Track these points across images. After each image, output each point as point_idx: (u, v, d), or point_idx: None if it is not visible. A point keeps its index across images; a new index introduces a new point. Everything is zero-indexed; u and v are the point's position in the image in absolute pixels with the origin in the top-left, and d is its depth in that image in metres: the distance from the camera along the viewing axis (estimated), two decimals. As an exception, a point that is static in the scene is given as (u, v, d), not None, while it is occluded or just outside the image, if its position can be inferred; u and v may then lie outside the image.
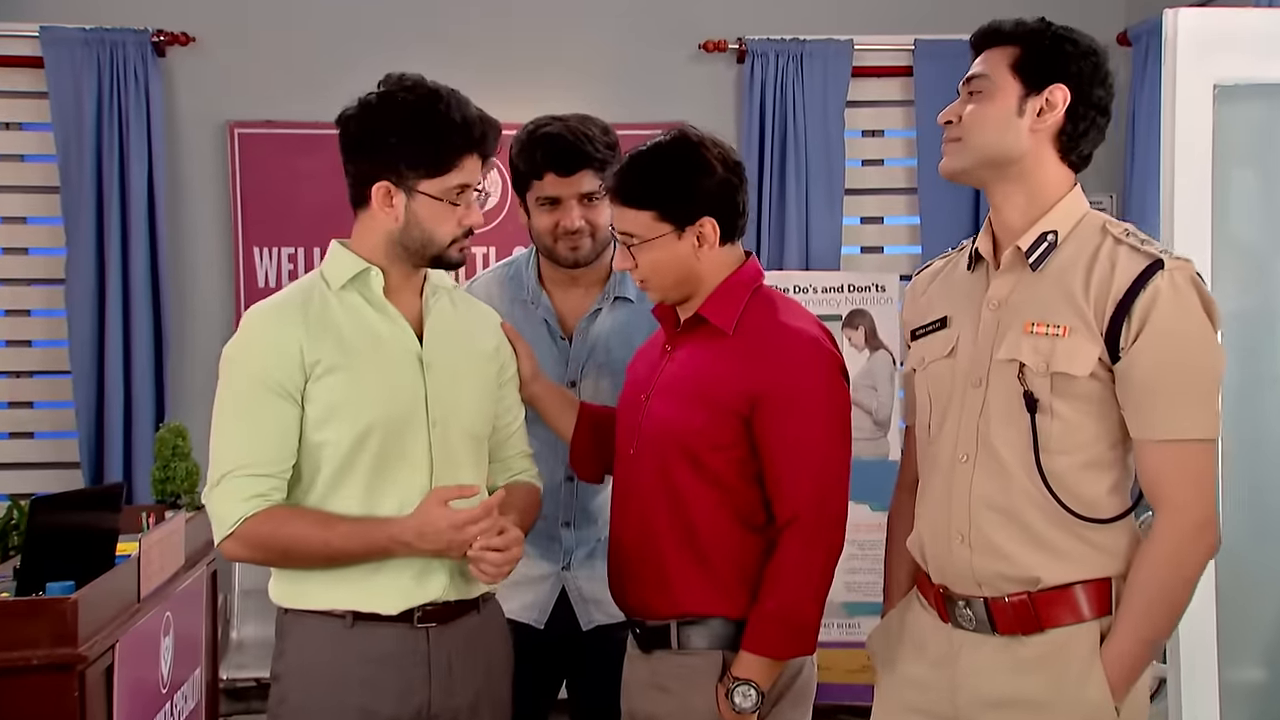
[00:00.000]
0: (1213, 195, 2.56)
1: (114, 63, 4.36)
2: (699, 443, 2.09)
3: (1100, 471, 1.85)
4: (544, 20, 4.59)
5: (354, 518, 2.02)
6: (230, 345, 2.07)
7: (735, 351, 2.11)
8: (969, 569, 1.89)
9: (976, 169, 1.92)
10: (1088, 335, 1.81)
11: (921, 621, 2.01)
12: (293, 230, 4.51)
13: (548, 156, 2.42)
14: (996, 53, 1.91)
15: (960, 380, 1.93)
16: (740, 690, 2.05)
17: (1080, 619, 1.83)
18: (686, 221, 2.12)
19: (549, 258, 2.52)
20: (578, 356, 2.55)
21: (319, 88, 4.40)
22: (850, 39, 4.57)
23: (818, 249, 4.50)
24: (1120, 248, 1.84)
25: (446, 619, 2.08)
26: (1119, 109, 4.45)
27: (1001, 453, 1.86)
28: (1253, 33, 2.61)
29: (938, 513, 1.93)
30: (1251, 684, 2.67)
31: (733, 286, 2.16)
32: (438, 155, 2.02)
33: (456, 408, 2.11)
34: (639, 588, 2.17)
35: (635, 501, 2.18)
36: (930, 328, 2.01)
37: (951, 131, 1.93)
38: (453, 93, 2.05)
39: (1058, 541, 1.84)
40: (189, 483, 3.63)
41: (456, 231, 2.07)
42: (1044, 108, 1.88)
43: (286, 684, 2.08)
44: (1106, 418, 1.84)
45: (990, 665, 1.88)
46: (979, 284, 1.97)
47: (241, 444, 2.01)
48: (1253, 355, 2.61)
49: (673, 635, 2.12)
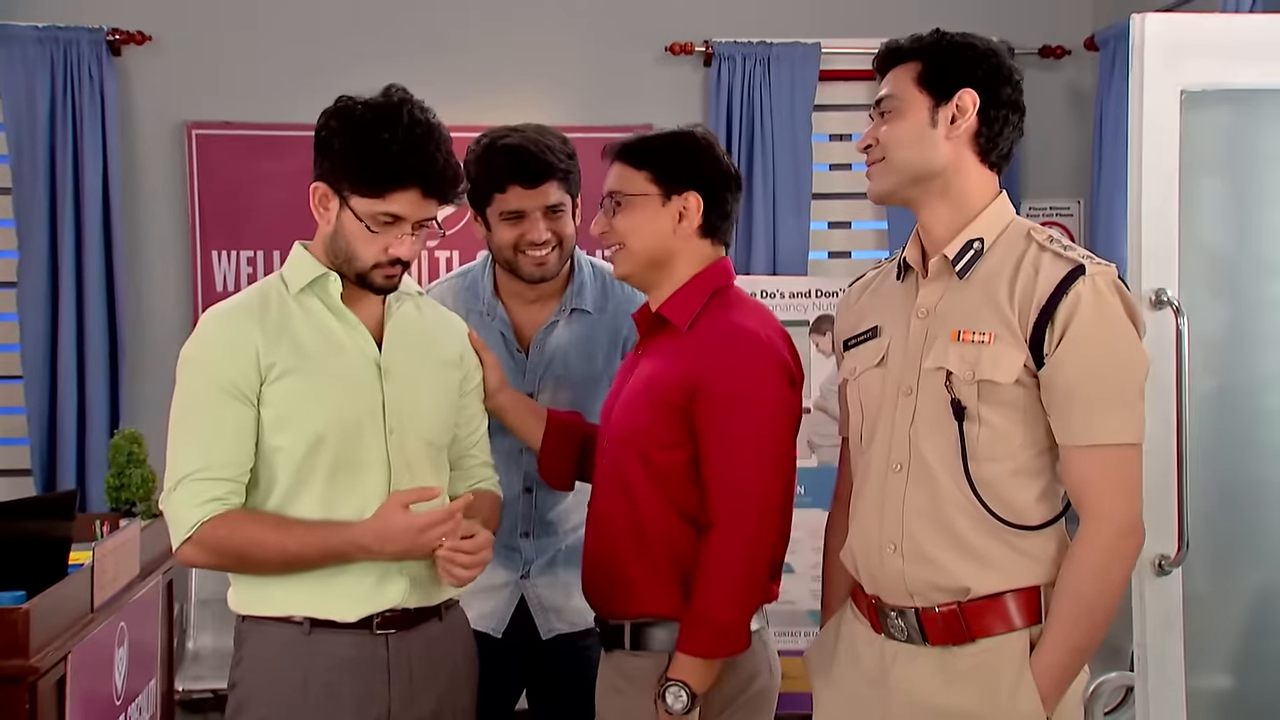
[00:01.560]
0: (1180, 202, 2.57)
1: (68, 62, 4.29)
2: (647, 442, 2.10)
3: (1028, 479, 1.86)
4: (507, 23, 4.54)
5: (312, 522, 2.00)
6: (187, 346, 2.05)
7: (683, 348, 2.12)
8: (901, 579, 1.89)
9: (902, 188, 1.94)
10: (1012, 342, 1.83)
11: (855, 633, 2.02)
12: (251, 233, 4.45)
13: (511, 168, 2.38)
14: (899, 71, 1.95)
15: (891, 389, 1.94)
16: (671, 691, 2.05)
17: (1010, 628, 1.84)
18: (675, 189, 2.14)
19: (511, 272, 2.48)
20: (535, 369, 2.52)
21: (279, 89, 4.37)
22: (818, 42, 4.55)
23: (785, 254, 4.48)
24: (1044, 254, 1.86)
25: (407, 626, 2.06)
26: (1086, 115, 4.51)
27: (930, 461, 1.87)
28: (1220, 38, 2.61)
29: (870, 522, 1.94)
30: (1218, 692, 2.67)
31: (696, 284, 2.16)
32: (369, 177, 1.99)
33: (415, 415, 2.09)
34: (602, 589, 2.19)
35: (602, 504, 2.19)
36: (861, 338, 2.03)
37: (872, 154, 1.96)
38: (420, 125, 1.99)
39: (987, 549, 1.85)
40: (144, 490, 3.58)
41: (380, 258, 2.03)
42: (955, 114, 1.91)
43: (244, 692, 2.05)
44: (1033, 425, 1.85)
45: (922, 677, 1.89)
46: (908, 293, 1.98)
47: (198, 447, 1.99)
48: (1220, 363, 2.61)
49: (626, 636, 2.14)
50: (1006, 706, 1.82)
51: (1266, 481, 2.75)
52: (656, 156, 2.16)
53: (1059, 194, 4.53)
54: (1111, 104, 4.22)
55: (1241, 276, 2.78)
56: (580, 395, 2.48)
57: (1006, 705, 1.82)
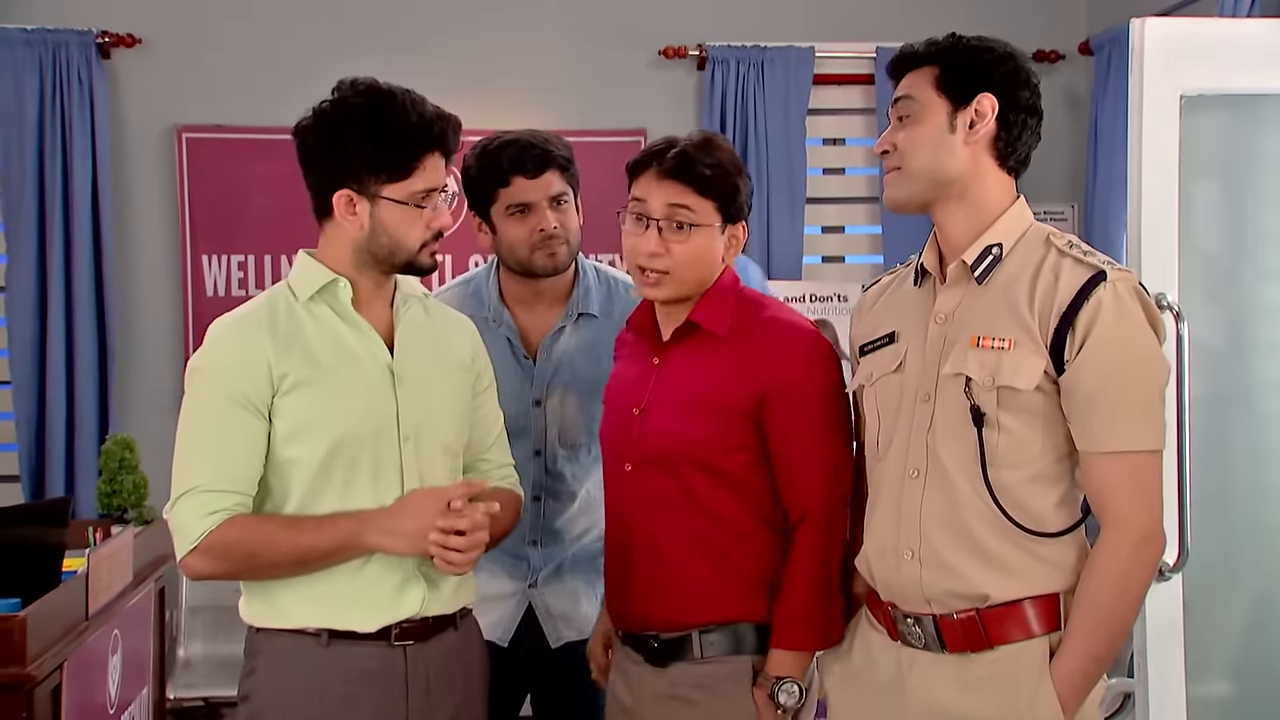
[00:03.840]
0: (1179, 207, 2.56)
1: (57, 65, 4.26)
2: (710, 451, 2.08)
3: (1047, 485, 1.85)
4: (502, 25, 4.53)
5: (323, 515, 1.98)
6: (196, 357, 2.02)
7: (734, 353, 2.10)
8: (918, 586, 1.88)
9: (920, 195, 1.92)
10: (1033, 348, 1.81)
11: (870, 640, 2.00)
12: (243, 237, 4.43)
13: (513, 160, 2.40)
14: (917, 75, 1.92)
15: (908, 395, 1.92)
16: (785, 689, 2.04)
17: (1029, 635, 1.83)
18: (730, 220, 2.14)
19: (524, 271, 2.46)
20: (543, 375, 2.50)
21: (270, 91, 4.34)
22: (812, 46, 4.55)
23: (779, 258, 4.47)
24: (1064, 260, 1.84)
25: (424, 636, 2.04)
26: (1081, 119, 4.51)
27: (949, 467, 1.86)
28: (1220, 43, 2.61)
29: (886, 529, 1.92)
30: (1219, 698, 2.67)
31: (719, 291, 2.15)
32: (398, 158, 1.98)
33: (429, 420, 2.06)
34: (650, 601, 2.13)
35: (638, 516, 2.14)
36: (878, 343, 2.01)
37: (890, 161, 1.93)
38: (407, 93, 2.01)
39: (1006, 556, 1.84)
40: (136, 496, 3.55)
41: (425, 235, 2.03)
42: (974, 119, 1.89)
43: (258, 704, 2.02)
44: (1053, 431, 1.84)
45: (939, 684, 1.88)
46: (926, 299, 1.97)
47: (205, 460, 1.96)
48: (1218, 367, 2.61)
49: (695, 645, 2.09)
50: (1026, 713, 1.80)
51: (1266, 487, 2.75)
52: (722, 184, 2.10)
53: (1053, 198, 4.54)
54: (1107, 108, 4.23)
55: (1240, 281, 2.78)
56: (588, 400, 2.46)
57: (1026, 712, 1.80)
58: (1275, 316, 2.78)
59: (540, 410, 2.49)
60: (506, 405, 2.30)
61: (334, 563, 1.98)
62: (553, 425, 2.50)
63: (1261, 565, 2.71)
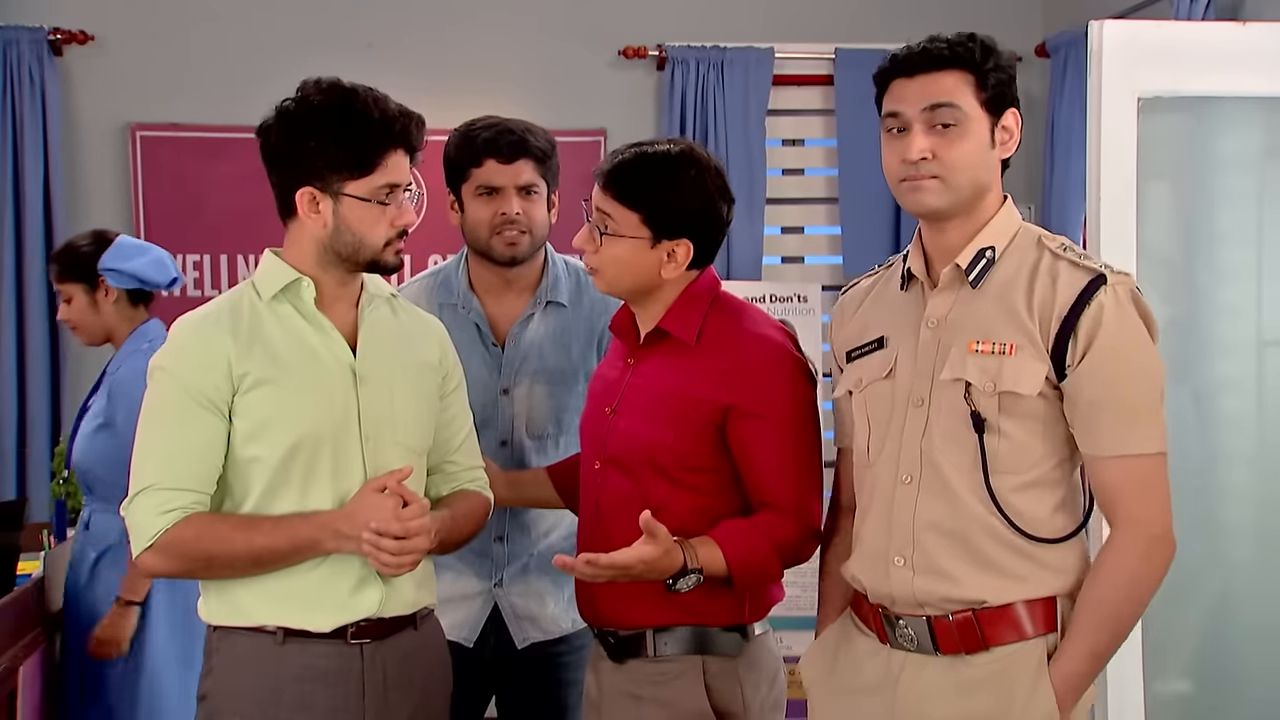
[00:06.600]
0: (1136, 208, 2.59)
1: (7, 62, 4.17)
2: (669, 458, 2.07)
3: (1047, 490, 1.83)
4: (462, 25, 4.50)
5: (280, 515, 1.97)
6: (157, 355, 2.01)
7: (702, 363, 2.09)
8: (910, 591, 1.86)
9: (960, 206, 1.87)
10: (1034, 353, 1.80)
11: (857, 644, 1.97)
12: (198, 237, 4.36)
13: (488, 143, 2.43)
14: (951, 79, 1.85)
15: (900, 401, 1.90)
16: (687, 580, 2.00)
17: (1025, 637, 1.81)
18: (666, 236, 2.09)
19: (484, 255, 2.47)
20: (511, 363, 2.50)
21: (226, 89, 4.29)
22: (771, 47, 4.54)
23: (739, 258, 4.46)
24: (1060, 263, 1.83)
25: (381, 636, 2.03)
26: (1038, 121, 4.54)
27: (947, 474, 1.83)
28: (1177, 46, 2.64)
29: (876, 535, 1.90)
30: (1177, 696, 2.70)
31: (692, 297, 2.13)
32: (360, 154, 1.98)
33: (391, 421, 2.05)
34: (611, 597, 2.11)
35: (603, 513, 2.14)
36: (866, 348, 1.98)
37: (927, 167, 1.85)
38: (370, 90, 2.01)
39: (1006, 562, 1.82)
40: (90, 499, 3.49)
41: (389, 233, 2.02)
42: (1005, 135, 1.89)
43: (214, 704, 2.01)
44: (1053, 436, 1.83)
45: (932, 686, 1.85)
46: (915, 303, 1.94)
47: (163, 457, 1.95)
48: (1175, 367, 2.62)
49: (649, 643, 2.09)
50: (1022, 714, 1.78)
51: (1222, 486, 2.78)
52: (651, 199, 2.08)
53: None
54: (1063, 110, 4.25)
55: (1194, 281, 2.81)
56: (556, 389, 2.47)
57: (1022, 712, 1.78)
58: (1231, 316, 2.81)
59: (508, 399, 2.49)
60: (474, 394, 2.30)
61: (291, 563, 1.97)
62: (520, 414, 2.50)
63: (1218, 564, 2.74)
